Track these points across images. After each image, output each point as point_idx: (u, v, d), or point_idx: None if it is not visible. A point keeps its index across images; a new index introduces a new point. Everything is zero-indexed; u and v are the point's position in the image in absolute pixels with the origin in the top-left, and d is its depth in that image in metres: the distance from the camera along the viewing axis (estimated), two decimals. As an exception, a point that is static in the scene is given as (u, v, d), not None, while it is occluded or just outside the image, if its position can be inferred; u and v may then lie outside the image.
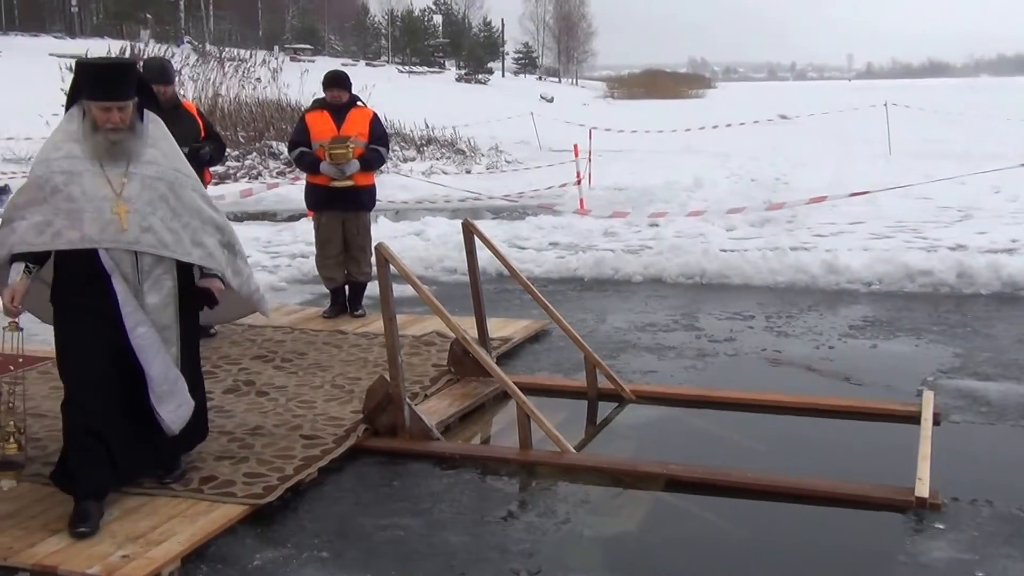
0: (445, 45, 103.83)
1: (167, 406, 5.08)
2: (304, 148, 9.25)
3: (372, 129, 9.29)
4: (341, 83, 9.35)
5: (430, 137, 29.93)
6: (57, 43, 58.64)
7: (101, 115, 4.93)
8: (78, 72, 5.02)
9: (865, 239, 13.48)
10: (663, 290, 10.91)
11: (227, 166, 23.38)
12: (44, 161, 4.94)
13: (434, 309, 6.40)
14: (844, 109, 34.87)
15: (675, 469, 5.67)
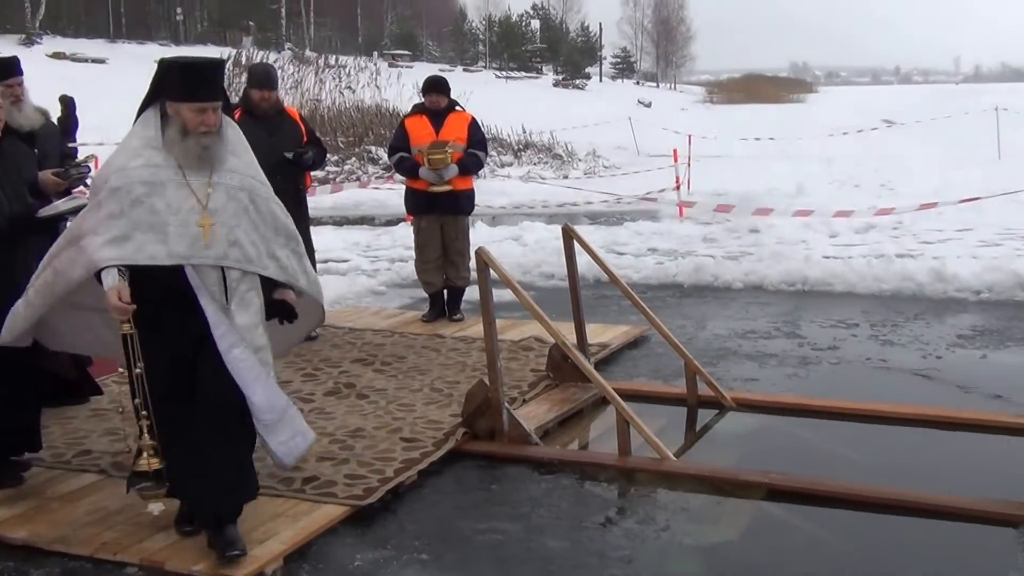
0: (542, 50, 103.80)
1: (277, 436, 4.73)
2: (403, 153, 9.33)
3: (470, 133, 9.34)
4: (440, 88, 9.43)
5: (527, 142, 30.01)
6: (162, 50, 59.75)
7: (194, 117, 4.53)
8: (165, 72, 4.58)
9: (973, 247, 13.20)
10: (764, 297, 10.81)
11: (327, 171, 23.69)
12: (121, 170, 4.51)
13: (534, 314, 6.42)
14: (951, 114, 34.19)
15: (777, 478, 5.62)
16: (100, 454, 6.01)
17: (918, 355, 8.35)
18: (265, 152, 8.14)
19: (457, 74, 63.19)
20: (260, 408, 4.61)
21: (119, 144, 4.69)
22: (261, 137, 8.22)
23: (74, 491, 5.51)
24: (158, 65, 4.62)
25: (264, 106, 8.43)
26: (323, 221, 17.27)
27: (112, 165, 4.57)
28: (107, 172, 4.56)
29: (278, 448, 4.73)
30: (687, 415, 7.07)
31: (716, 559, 4.85)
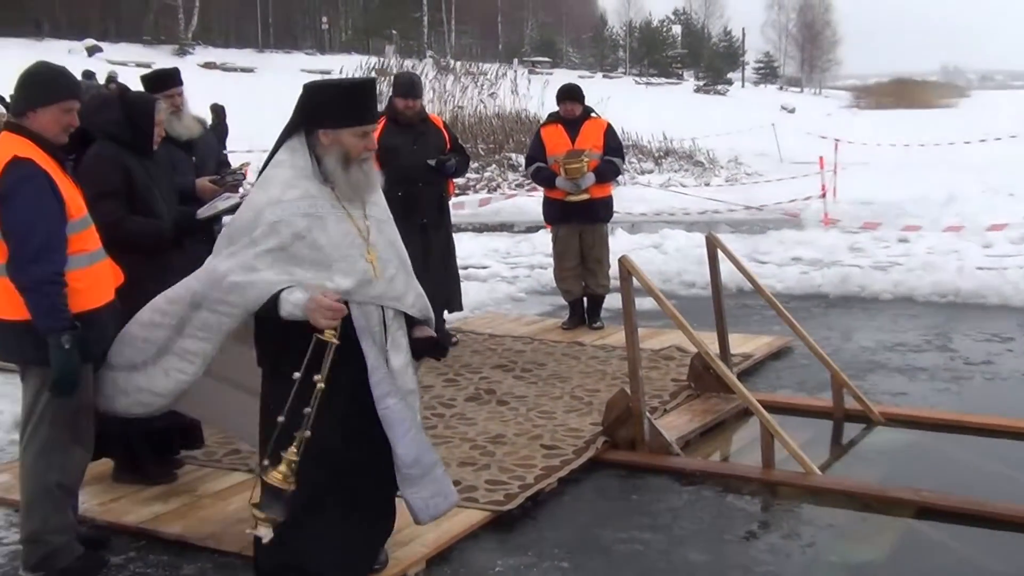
0: (683, 56, 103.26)
1: (419, 492, 4.27)
2: (540, 163, 9.38)
3: (607, 141, 9.33)
4: (574, 96, 9.45)
5: (668, 149, 29.84)
6: (308, 59, 61.28)
7: (358, 143, 4.14)
8: (319, 96, 4.22)
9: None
10: (913, 309, 10.56)
11: (467, 178, 23.89)
12: (277, 203, 4.05)
13: (677, 323, 6.38)
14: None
15: (928, 496, 5.48)
16: (249, 453, 6.14)
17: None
18: (409, 160, 8.33)
19: (597, 80, 63.17)
20: (405, 461, 4.20)
21: (262, 176, 4.20)
22: (405, 145, 8.38)
23: (225, 489, 5.69)
24: (306, 90, 4.26)
25: (408, 114, 8.54)
26: (463, 228, 17.44)
27: (262, 198, 4.11)
28: (258, 205, 4.11)
29: (416, 502, 4.27)
30: (833, 429, 6.96)
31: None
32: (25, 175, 4.43)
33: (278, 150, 4.22)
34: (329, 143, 4.12)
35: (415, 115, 8.60)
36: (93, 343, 4.61)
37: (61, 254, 4.48)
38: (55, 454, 4.70)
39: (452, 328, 9.18)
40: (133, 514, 5.38)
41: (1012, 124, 35.47)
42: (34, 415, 4.68)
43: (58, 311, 4.42)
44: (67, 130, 4.65)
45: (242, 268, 4.05)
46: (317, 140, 4.15)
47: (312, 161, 4.14)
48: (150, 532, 5.17)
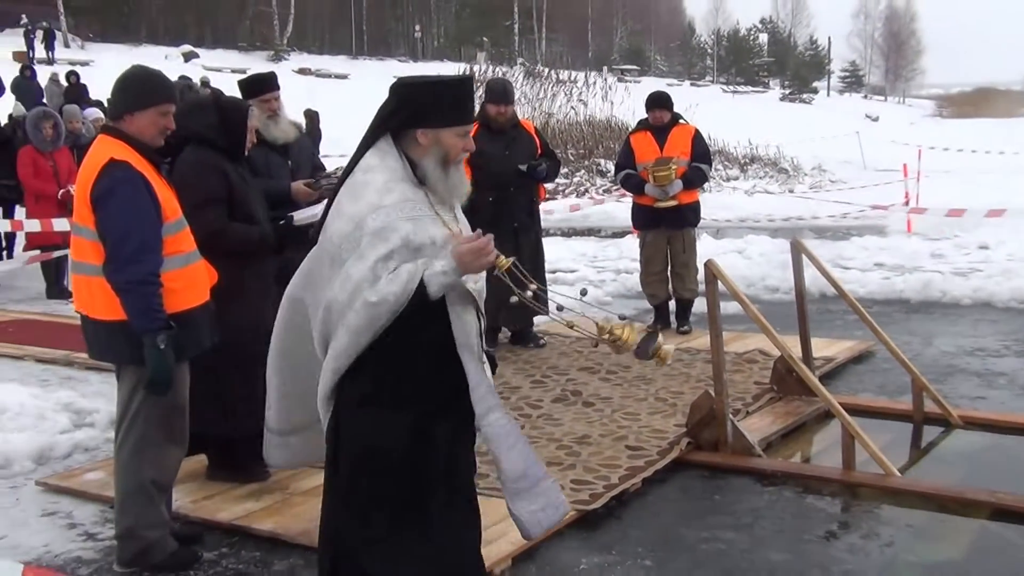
0: (770, 64, 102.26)
1: (527, 505, 3.80)
2: (630, 170, 9.40)
3: (694, 147, 9.32)
4: (662, 104, 9.45)
5: (753, 156, 29.64)
6: (400, 66, 61.62)
7: (458, 143, 3.73)
8: (418, 93, 3.75)
9: None
10: (993, 314, 10.38)
11: (556, 183, 23.94)
12: (376, 209, 3.59)
13: (761, 327, 6.37)
14: None
15: (1005, 498, 5.42)
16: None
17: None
18: (501, 165, 8.40)
19: (684, 88, 62.87)
20: (512, 476, 3.76)
21: (351, 184, 3.71)
22: (498, 150, 8.45)
23: (315, 487, 5.61)
24: (401, 87, 3.79)
25: (501, 120, 8.62)
26: (551, 232, 17.48)
27: (359, 207, 3.61)
28: (356, 215, 3.60)
29: (524, 516, 3.79)
30: (912, 432, 6.89)
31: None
32: (122, 178, 4.42)
33: (362, 154, 3.77)
34: (428, 143, 3.69)
35: (507, 121, 8.68)
36: (188, 343, 4.61)
37: (157, 255, 4.46)
38: (149, 451, 4.68)
39: (540, 331, 9.22)
40: (226, 511, 5.39)
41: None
42: (129, 413, 4.66)
43: (154, 311, 4.40)
44: (163, 133, 4.63)
45: (368, 283, 3.55)
46: (412, 141, 3.71)
47: (405, 163, 3.71)
48: (242, 528, 5.18)
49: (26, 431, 6.57)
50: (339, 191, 3.77)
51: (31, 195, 11.74)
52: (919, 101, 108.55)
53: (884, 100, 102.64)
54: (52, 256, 10.56)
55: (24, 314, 10.90)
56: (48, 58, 42.81)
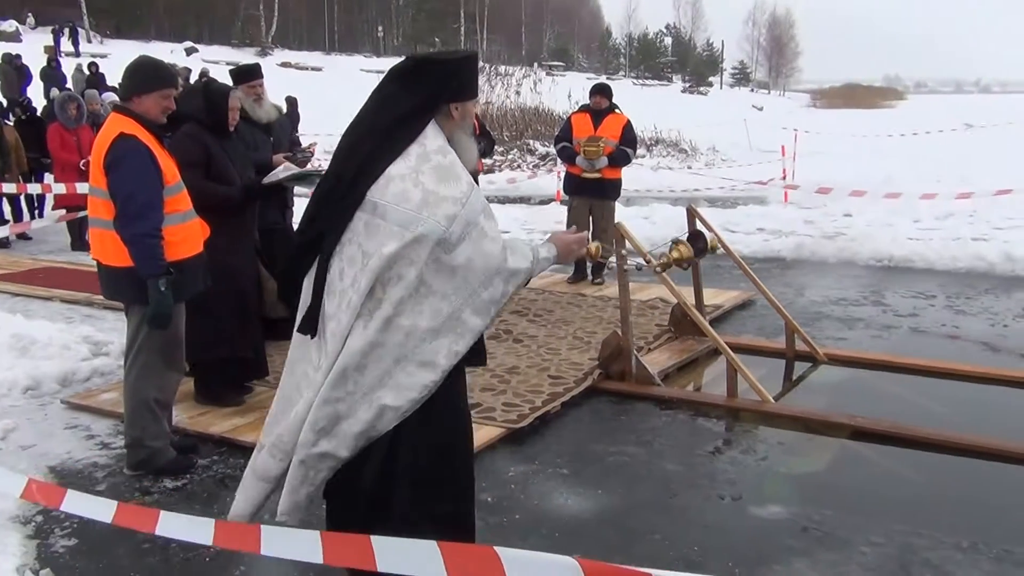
0: (673, 62, 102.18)
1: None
2: (566, 143, 9.36)
3: (624, 133, 9.26)
4: (603, 92, 9.43)
5: (658, 138, 29.60)
6: (366, 61, 60.96)
7: (473, 113, 3.31)
8: (451, 68, 3.17)
9: (1040, 232, 12.56)
10: (854, 271, 10.49)
11: (493, 159, 23.80)
12: (471, 185, 3.08)
13: (660, 278, 6.37)
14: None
15: (861, 421, 5.48)
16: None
17: (987, 324, 8.02)
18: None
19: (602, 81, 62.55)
20: None
21: (439, 167, 3.04)
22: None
23: (292, 406, 5.71)
24: (430, 63, 3.18)
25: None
26: (490, 199, 17.35)
27: (462, 187, 3.03)
28: (463, 196, 3.02)
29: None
30: (785, 366, 6.94)
31: (806, 486, 4.77)
32: (129, 148, 4.47)
33: (411, 133, 3.08)
34: (459, 117, 3.19)
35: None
36: (184, 286, 4.68)
37: (159, 212, 4.53)
38: (152, 375, 4.79)
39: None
40: (217, 425, 5.44)
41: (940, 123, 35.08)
42: (135, 344, 4.76)
43: (156, 259, 4.47)
44: (165, 112, 4.67)
45: (505, 257, 3.08)
46: (446, 116, 3.16)
47: (443, 138, 3.15)
48: (230, 440, 5.23)
49: (53, 359, 6.66)
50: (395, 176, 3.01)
51: (58, 165, 12.02)
52: (797, 94, 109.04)
53: (768, 93, 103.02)
54: (76, 215, 10.64)
55: (52, 263, 11.00)
56: (75, 52, 42.39)
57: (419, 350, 3.06)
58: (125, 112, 4.61)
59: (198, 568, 3.94)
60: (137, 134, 4.51)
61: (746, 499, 4.56)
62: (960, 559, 3.95)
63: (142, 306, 4.59)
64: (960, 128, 35.24)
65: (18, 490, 3.02)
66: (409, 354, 3.06)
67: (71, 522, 4.33)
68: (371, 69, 48.59)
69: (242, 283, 5.63)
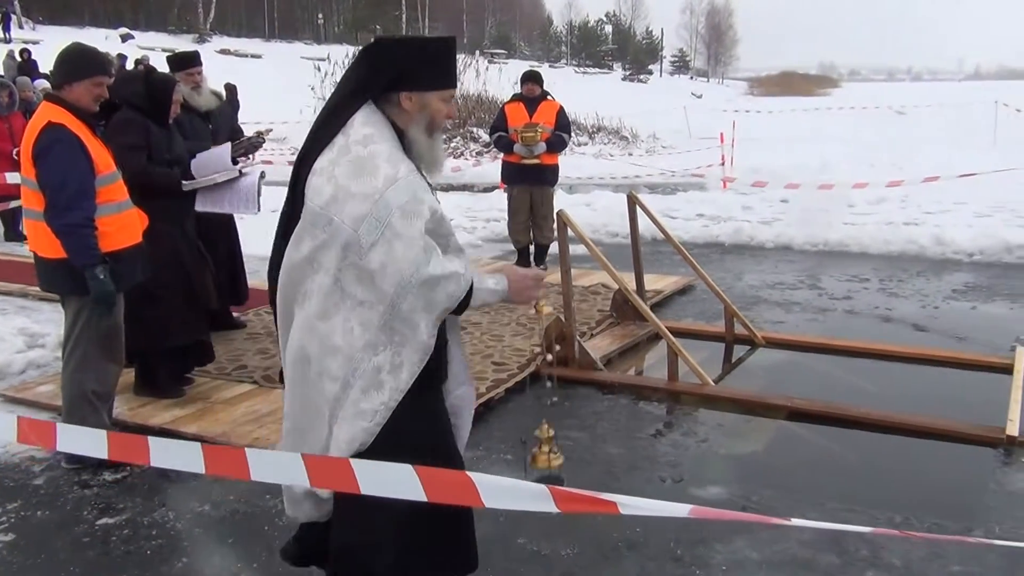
0: (613, 50, 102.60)
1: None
2: (502, 132, 9.34)
3: (558, 119, 9.28)
4: (535, 79, 9.41)
5: (599, 126, 29.70)
6: (306, 48, 60.45)
7: (443, 108, 2.83)
8: (404, 53, 2.78)
9: (969, 217, 12.83)
10: (791, 256, 10.64)
11: (437, 147, 23.72)
12: (394, 182, 2.63)
13: (602, 265, 6.40)
14: (955, 107, 33.20)
15: (798, 402, 5.57)
16: (254, 368, 6.15)
17: (918, 306, 8.18)
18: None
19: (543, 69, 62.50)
20: (465, 439, 3.27)
21: (353, 160, 2.65)
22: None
23: (234, 396, 5.67)
24: (381, 47, 2.81)
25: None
26: (433, 188, 17.29)
27: (375, 183, 2.61)
28: (373, 192, 2.60)
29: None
30: (725, 350, 7.02)
31: (745, 466, 4.83)
32: (57, 137, 4.39)
33: (338, 124, 2.74)
34: (413, 109, 2.77)
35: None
36: (121, 277, 4.61)
37: (90, 202, 4.45)
38: (90, 367, 4.72)
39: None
40: (157, 417, 5.36)
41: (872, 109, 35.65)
42: (73, 335, 4.69)
43: (89, 249, 4.41)
44: (97, 100, 4.59)
45: (422, 262, 2.63)
46: (395, 107, 2.78)
47: (391, 130, 2.77)
48: (171, 431, 5.13)
49: (-13, 351, 6.54)
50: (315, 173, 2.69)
51: (-12, 154, 11.69)
52: (735, 82, 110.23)
53: (707, 81, 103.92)
54: (8, 206, 10.33)
55: (-16, 255, 10.71)
56: (5, 38, 41.39)
57: (359, 370, 2.70)
58: (56, 101, 4.52)
59: (139, 560, 3.89)
60: (66, 123, 4.43)
61: (687, 480, 4.61)
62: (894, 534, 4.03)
63: (79, 297, 4.52)
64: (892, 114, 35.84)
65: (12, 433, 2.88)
66: (350, 377, 2.70)
67: (7, 517, 4.26)
68: (311, 56, 48.02)
69: (189, 268, 5.57)
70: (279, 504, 4.28)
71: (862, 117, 32.82)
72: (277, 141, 23.48)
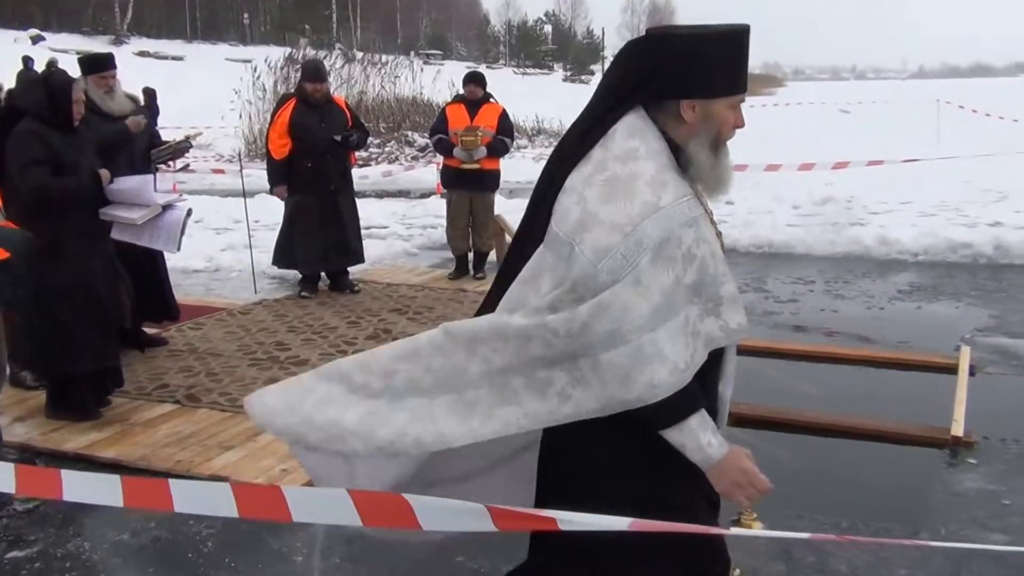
0: (554, 50, 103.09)
1: None
2: (442, 135, 9.32)
3: (500, 122, 9.29)
4: (477, 81, 9.42)
5: (540, 128, 29.87)
6: (232, 49, 59.84)
7: (731, 119, 2.41)
8: (693, 50, 2.30)
9: (913, 217, 13.08)
10: (736, 258, 10.76)
11: (370, 151, 23.63)
12: (654, 211, 2.20)
13: (540, 271, 6.40)
14: (897, 102, 33.89)
15: (742, 408, 5.60)
16: (176, 387, 6.06)
17: (864, 307, 8.33)
18: (318, 136, 8.26)
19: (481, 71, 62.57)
20: None
21: (609, 179, 2.25)
22: (315, 123, 8.29)
23: (154, 418, 5.56)
24: (666, 43, 2.33)
25: (317, 96, 8.43)
26: (366, 194, 17.24)
27: (632, 208, 2.20)
28: (625, 221, 2.18)
29: None
30: (669, 356, 7.04)
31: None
32: None
33: (595, 132, 2.34)
34: (696, 120, 2.34)
35: (322, 96, 8.50)
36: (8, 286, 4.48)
37: None
38: None
39: (355, 278, 9.10)
40: (72, 442, 5.21)
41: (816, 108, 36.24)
42: None
43: None
44: None
45: (647, 328, 2.18)
46: (672, 116, 2.35)
47: (666, 145, 2.34)
48: (87, 457, 5.01)
49: None
50: (553, 185, 2.36)
51: None
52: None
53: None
54: None
55: None
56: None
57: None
58: None
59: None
60: None
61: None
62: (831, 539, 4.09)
63: None
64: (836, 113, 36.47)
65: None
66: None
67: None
68: (237, 58, 47.58)
69: (98, 289, 5.42)
70: (203, 530, 4.23)
71: (807, 115, 33.32)
72: (201, 147, 23.26)
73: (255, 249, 9.45)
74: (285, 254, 8.68)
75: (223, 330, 7.44)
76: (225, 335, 7.29)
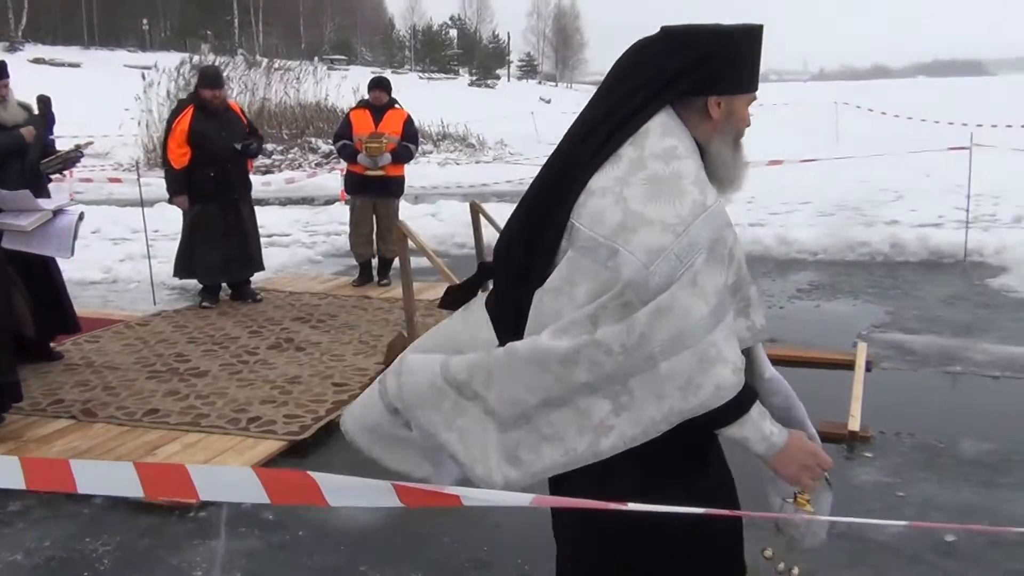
0: (459, 55, 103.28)
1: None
2: (346, 140, 9.28)
3: (405, 128, 9.29)
4: (382, 86, 9.41)
5: (445, 133, 29.93)
6: (131, 56, 58.59)
7: (747, 117, 2.38)
8: (722, 48, 2.25)
9: (813, 216, 13.47)
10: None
11: (272, 158, 23.38)
12: (704, 209, 2.13)
13: (444, 275, 6.41)
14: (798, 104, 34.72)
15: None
16: (72, 402, 5.92)
17: (764, 306, 8.51)
18: (220, 144, 8.17)
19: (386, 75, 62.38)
20: None
21: (651, 176, 2.14)
22: (214, 131, 8.19)
23: (49, 434, 5.42)
24: (697, 38, 2.27)
25: (215, 102, 8.32)
26: (268, 201, 17.09)
27: (682, 208, 2.10)
28: (679, 221, 2.08)
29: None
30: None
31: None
32: None
33: (631, 127, 2.22)
34: (720, 117, 2.28)
35: (220, 103, 8.40)
36: None
37: None
38: None
39: (258, 287, 9.01)
40: (-37, 459, 5.06)
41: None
42: None
43: None
44: None
45: (707, 327, 2.09)
46: (697, 113, 2.28)
47: (691, 140, 2.26)
48: (-20, 474, 4.89)
49: None
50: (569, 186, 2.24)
51: None
52: (584, 86, 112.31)
53: (555, 85, 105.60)
54: None
55: None
56: None
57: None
58: None
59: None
60: None
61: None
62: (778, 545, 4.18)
63: None
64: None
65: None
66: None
67: None
68: (136, 64, 46.63)
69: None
70: (100, 548, 4.15)
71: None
72: (98, 156, 22.75)
73: (154, 260, 9.28)
74: (186, 264, 8.54)
75: (121, 343, 7.30)
76: (123, 348, 7.15)
